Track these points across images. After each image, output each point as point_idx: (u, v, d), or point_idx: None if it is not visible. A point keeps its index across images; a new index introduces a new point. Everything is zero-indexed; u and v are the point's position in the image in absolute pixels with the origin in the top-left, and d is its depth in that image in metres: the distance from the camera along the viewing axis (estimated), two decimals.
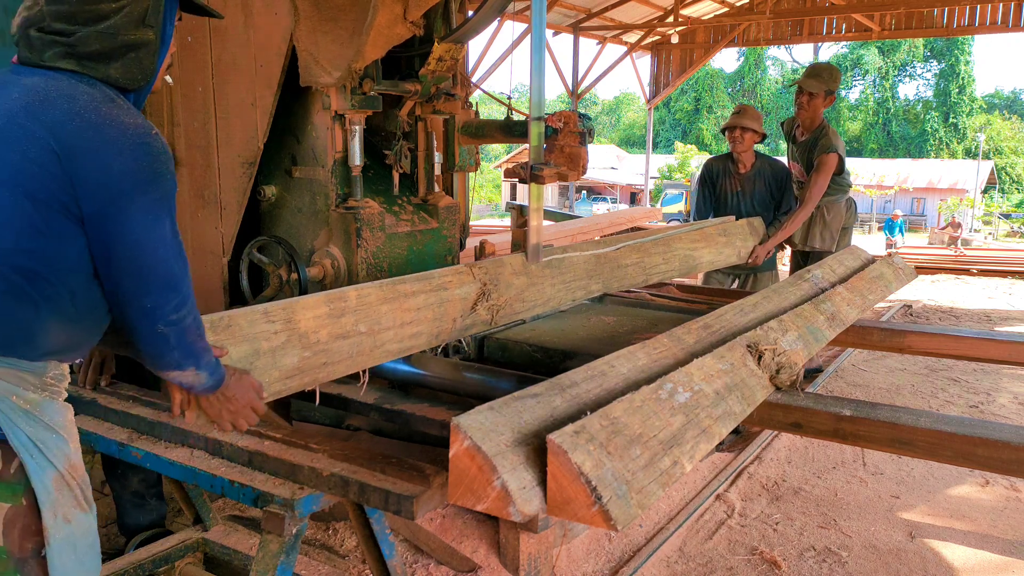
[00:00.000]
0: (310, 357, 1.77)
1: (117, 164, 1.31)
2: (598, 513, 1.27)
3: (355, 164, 2.94)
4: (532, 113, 2.72)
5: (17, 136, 1.31)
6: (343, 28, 2.78)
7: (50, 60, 1.38)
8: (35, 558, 1.38)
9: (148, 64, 1.48)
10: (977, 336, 3.06)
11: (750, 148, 4.37)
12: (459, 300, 2.24)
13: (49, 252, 1.33)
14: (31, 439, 1.37)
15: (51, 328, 1.38)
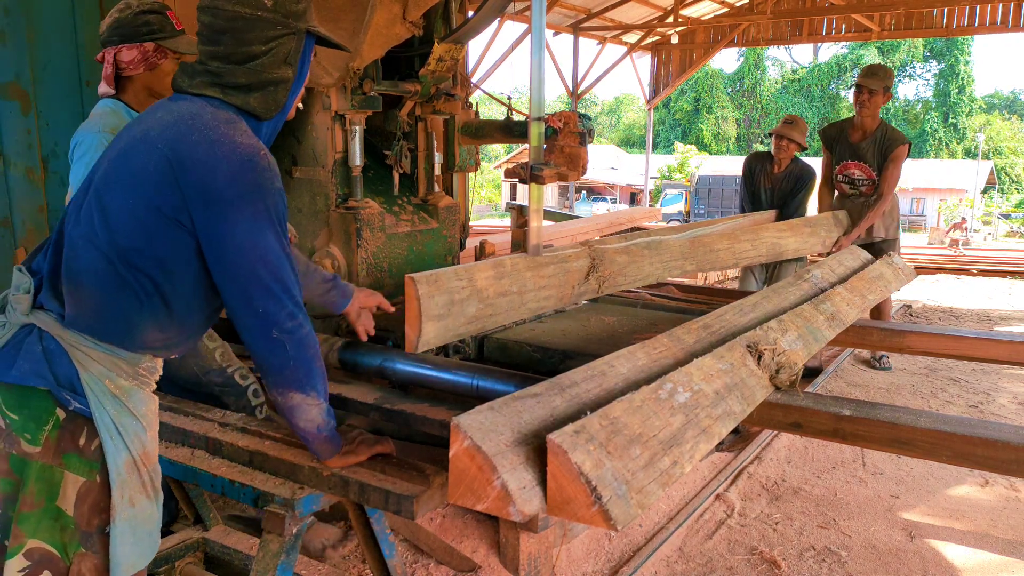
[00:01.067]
0: (483, 308, 2.21)
1: (222, 175, 1.41)
2: (598, 513, 1.27)
3: (355, 164, 2.94)
4: (532, 113, 2.72)
5: (144, 149, 1.45)
6: (343, 28, 2.78)
7: (197, 88, 1.51)
8: (99, 534, 1.46)
9: (282, 97, 1.58)
10: (977, 336, 3.06)
11: (791, 155, 4.97)
12: (576, 271, 2.62)
13: (158, 254, 1.44)
14: (114, 421, 1.45)
15: (150, 324, 1.48)
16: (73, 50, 3.89)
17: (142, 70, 2.25)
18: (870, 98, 4.58)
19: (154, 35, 2.23)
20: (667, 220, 20.48)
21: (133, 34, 2.21)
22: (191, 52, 2.29)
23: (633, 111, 46.87)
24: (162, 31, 2.24)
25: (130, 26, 2.21)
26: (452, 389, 2.27)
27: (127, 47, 2.22)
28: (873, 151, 4.66)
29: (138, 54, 2.23)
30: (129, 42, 2.21)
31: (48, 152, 3.84)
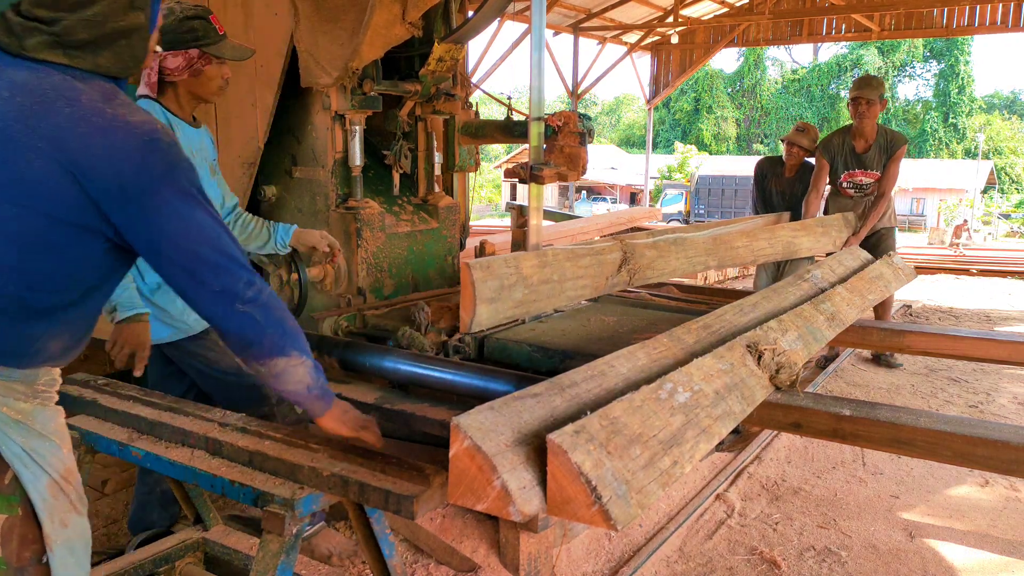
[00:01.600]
0: (528, 294, 2.37)
1: (131, 168, 1.25)
2: (598, 513, 1.27)
3: (355, 164, 2.94)
4: (532, 113, 2.72)
5: (16, 148, 1.22)
6: (343, 28, 2.78)
7: (33, 50, 1.25)
8: (34, 565, 1.38)
9: (140, 50, 1.36)
10: (976, 336, 3.06)
11: (800, 160, 5.25)
12: (610, 263, 2.78)
13: (60, 267, 1.30)
14: (24, 449, 1.36)
15: (49, 338, 1.36)
16: None
17: (186, 76, 2.24)
18: (868, 108, 4.71)
19: (199, 42, 2.21)
20: (667, 220, 20.47)
21: (177, 41, 2.19)
22: (235, 57, 2.29)
23: (633, 111, 46.88)
24: (206, 37, 2.22)
25: (174, 33, 2.19)
26: (452, 389, 2.27)
27: (172, 54, 2.20)
28: (878, 157, 4.82)
29: (183, 61, 2.21)
30: (174, 49, 2.20)
31: None
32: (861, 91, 4.72)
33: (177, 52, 2.20)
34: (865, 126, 4.76)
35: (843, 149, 4.87)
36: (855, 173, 4.88)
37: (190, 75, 2.24)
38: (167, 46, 2.20)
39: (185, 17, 2.21)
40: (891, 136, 4.84)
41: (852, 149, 4.85)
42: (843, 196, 5.01)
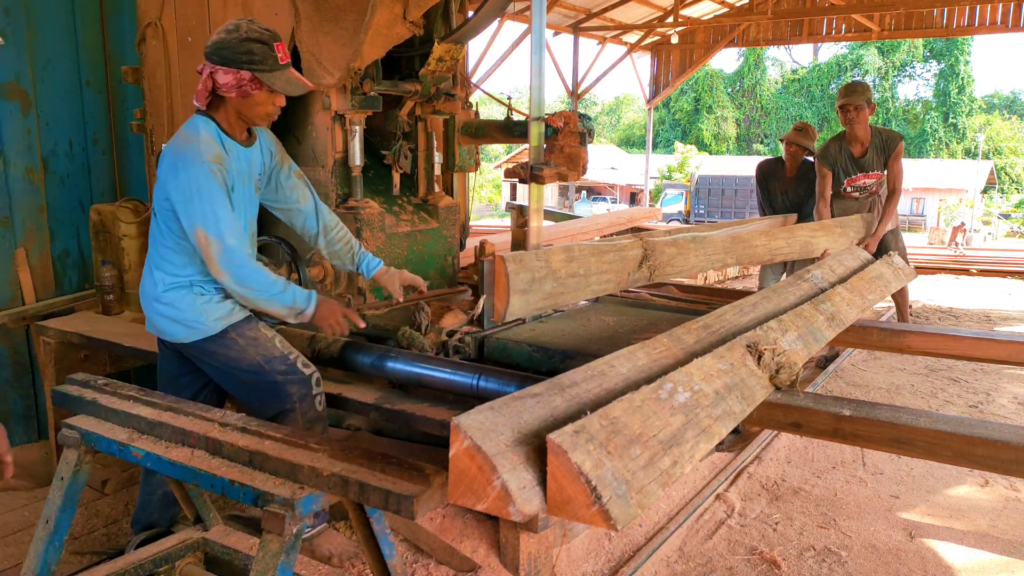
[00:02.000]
0: (556, 287, 2.45)
1: None
2: (598, 513, 1.27)
3: (355, 164, 2.94)
4: (532, 113, 2.72)
5: None
6: (343, 28, 2.78)
7: None
8: None
9: None
10: (976, 336, 3.05)
11: (800, 160, 5.38)
12: (632, 259, 2.83)
13: None
14: None
15: None
16: (73, 50, 3.90)
17: (234, 95, 2.23)
18: (857, 114, 4.76)
19: (253, 65, 2.19)
20: (667, 220, 20.47)
21: (232, 59, 2.18)
22: (286, 91, 2.27)
23: (633, 111, 46.86)
24: (263, 63, 2.20)
25: (232, 51, 2.18)
26: (452, 389, 2.27)
27: (223, 70, 2.19)
28: (876, 158, 4.88)
29: (233, 80, 2.20)
30: (227, 66, 2.19)
31: (48, 152, 3.85)
32: (848, 98, 4.75)
33: (229, 70, 2.19)
34: (858, 131, 4.81)
35: (841, 156, 4.92)
36: (858, 177, 4.95)
37: (238, 95, 2.23)
38: (221, 61, 2.19)
39: (247, 38, 2.20)
40: (886, 135, 4.90)
41: (850, 155, 4.90)
42: (848, 199, 5.05)
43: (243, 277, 2.19)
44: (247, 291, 2.21)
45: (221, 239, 2.15)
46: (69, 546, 2.78)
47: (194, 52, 3.30)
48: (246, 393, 2.36)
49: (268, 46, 2.22)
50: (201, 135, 2.22)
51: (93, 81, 3.99)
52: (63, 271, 3.94)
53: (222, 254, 2.15)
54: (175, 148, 2.22)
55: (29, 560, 2.05)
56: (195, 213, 2.15)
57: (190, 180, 2.15)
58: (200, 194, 2.14)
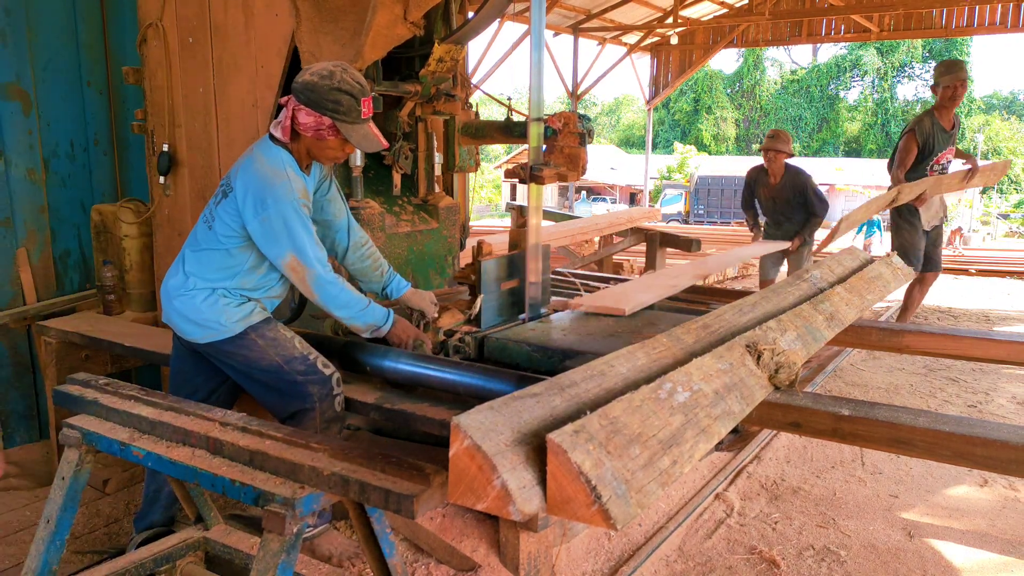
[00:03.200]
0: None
1: None
2: (597, 512, 1.28)
3: (355, 164, 2.94)
4: (532, 114, 2.73)
5: None
6: (344, 28, 2.79)
7: None
8: None
9: None
10: (975, 336, 3.06)
11: (780, 165, 5.68)
12: None
13: None
14: None
15: None
16: (74, 50, 3.90)
17: (311, 135, 2.30)
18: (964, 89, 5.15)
19: (337, 115, 2.25)
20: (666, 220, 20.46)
21: (318, 104, 2.24)
22: (361, 146, 2.33)
23: (633, 111, 46.84)
24: (347, 115, 2.25)
25: (320, 96, 2.23)
26: (452, 389, 2.27)
27: (307, 111, 2.25)
28: (957, 134, 5.35)
29: (314, 122, 2.27)
30: (312, 108, 2.25)
31: (49, 152, 3.85)
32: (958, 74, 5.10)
33: (312, 112, 2.25)
34: (958, 105, 5.22)
35: (934, 130, 5.24)
36: (944, 154, 5.31)
37: (314, 136, 2.30)
38: (307, 103, 2.25)
39: (338, 88, 2.24)
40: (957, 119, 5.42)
41: (942, 129, 5.25)
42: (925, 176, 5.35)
43: (334, 301, 2.37)
44: (338, 311, 2.39)
45: (312, 267, 2.30)
46: (70, 545, 2.79)
47: (195, 52, 3.30)
48: (265, 393, 2.39)
49: (356, 100, 2.27)
50: (288, 171, 2.30)
51: (94, 81, 3.99)
52: (64, 271, 3.95)
53: (315, 281, 2.32)
54: (263, 178, 2.26)
55: (30, 559, 2.06)
56: (286, 245, 2.27)
57: (281, 215, 2.24)
58: (291, 229, 2.25)
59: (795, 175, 5.72)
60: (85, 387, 2.21)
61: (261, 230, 2.26)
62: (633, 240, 6.98)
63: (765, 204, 5.91)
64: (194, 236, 2.42)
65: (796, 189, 5.67)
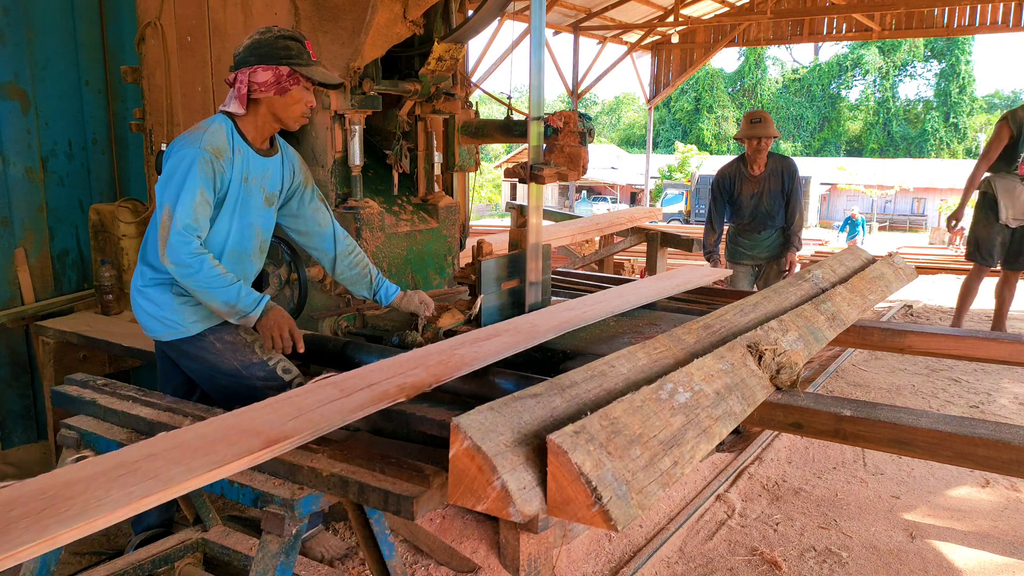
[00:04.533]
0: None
1: None
2: (598, 513, 1.27)
3: (355, 164, 2.93)
4: (532, 113, 2.72)
5: None
6: (343, 27, 2.78)
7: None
8: None
9: None
10: (978, 336, 3.05)
11: (766, 153, 4.83)
12: None
13: None
14: None
15: None
16: (73, 49, 3.89)
17: (272, 93, 2.26)
18: None
19: (291, 60, 2.24)
20: (667, 220, 20.44)
21: (271, 55, 2.23)
22: (325, 81, 2.32)
23: (633, 111, 46.86)
24: (299, 57, 2.26)
25: (270, 47, 2.23)
26: (452, 389, 2.26)
27: (263, 68, 2.23)
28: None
29: (272, 76, 2.24)
30: (265, 63, 2.23)
31: (47, 152, 3.84)
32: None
33: (268, 67, 2.23)
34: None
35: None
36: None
37: (276, 92, 2.26)
38: (259, 60, 2.23)
39: (282, 35, 2.25)
40: None
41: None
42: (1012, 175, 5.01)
43: (186, 260, 2.14)
44: (188, 277, 2.16)
45: (176, 219, 2.14)
46: (68, 546, 2.78)
47: (193, 52, 3.29)
48: (225, 397, 2.35)
49: (301, 43, 2.28)
50: (212, 127, 2.25)
51: (92, 81, 3.98)
52: (62, 271, 3.94)
53: (171, 234, 2.14)
54: (181, 136, 2.26)
55: (28, 561, 2.05)
56: (167, 191, 2.17)
57: (176, 161, 2.18)
58: (177, 175, 2.16)
59: (783, 161, 4.93)
60: (83, 387, 2.20)
61: (160, 180, 2.20)
62: (634, 240, 6.97)
63: (746, 205, 4.92)
64: (148, 227, 2.37)
65: (786, 175, 4.84)
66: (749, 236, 5.01)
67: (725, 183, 5.00)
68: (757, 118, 4.81)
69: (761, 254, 5.01)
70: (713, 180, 5.12)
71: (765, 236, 4.97)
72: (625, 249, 7.39)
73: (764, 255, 5.00)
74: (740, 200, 4.94)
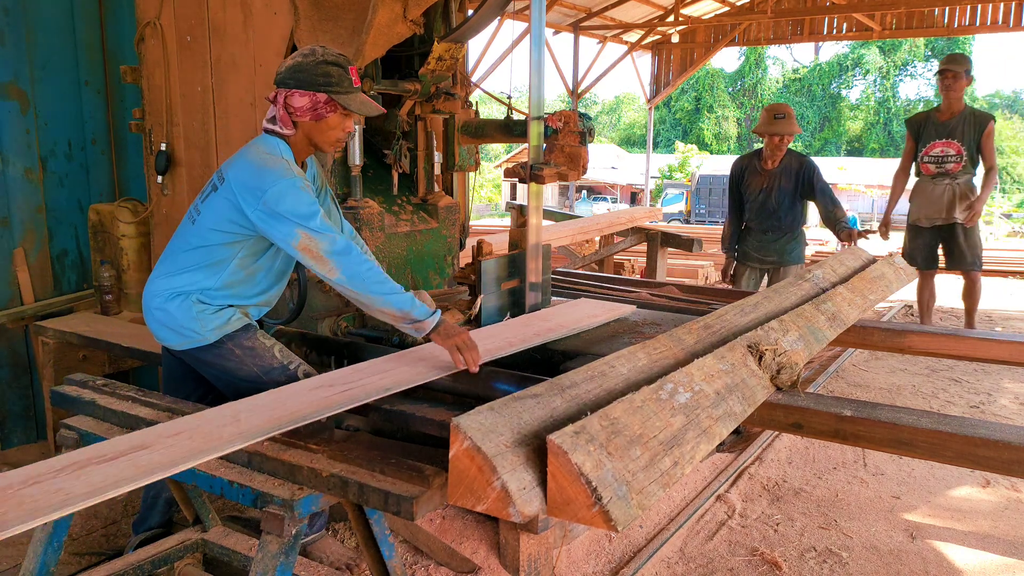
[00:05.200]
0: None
1: None
2: (598, 514, 1.27)
3: (354, 164, 2.93)
4: (532, 113, 2.71)
5: None
6: (343, 27, 2.77)
7: None
8: None
9: None
10: (978, 336, 3.05)
11: (784, 149, 4.69)
12: None
13: None
14: None
15: None
16: (72, 50, 3.89)
17: (308, 119, 2.21)
18: (955, 82, 5.07)
19: (330, 87, 2.18)
20: (668, 220, 20.44)
21: (310, 82, 2.17)
22: (362, 112, 2.25)
23: (633, 110, 46.82)
24: (339, 85, 2.19)
25: (309, 73, 2.17)
26: (452, 389, 2.26)
27: (300, 92, 2.18)
28: (963, 127, 5.11)
29: (308, 102, 2.19)
30: (303, 88, 2.18)
31: (47, 152, 3.84)
32: (949, 64, 5.09)
33: (305, 92, 2.18)
34: (952, 99, 5.11)
35: (927, 123, 5.20)
36: (935, 144, 5.16)
37: (312, 118, 2.21)
38: (297, 84, 2.18)
39: (324, 61, 2.19)
40: (978, 111, 5.16)
41: (935, 121, 5.18)
42: (924, 174, 5.23)
43: (359, 274, 2.11)
44: (365, 289, 2.12)
45: (325, 235, 2.10)
46: (68, 547, 2.78)
47: (193, 52, 3.29)
48: None
49: (344, 69, 2.21)
50: (285, 156, 2.21)
51: (92, 81, 3.98)
52: (62, 271, 3.94)
53: (332, 249, 2.10)
54: (261, 164, 2.16)
55: (28, 561, 2.04)
56: (292, 222, 2.10)
57: (282, 193, 2.10)
58: (296, 205, 2.10)
59: (800, 159, 4.69)
60: (82, 388, 2.20)
61: (265, 214, 2.11)
62: (634, 240, 6.96)
63: (753, 199, 4.75)
64: (177, 235, 2.32)
65: (803, 172, 4.60)
66: (756, 236, 4.82)
67: (736, 175, 4.88)
68: (781, 113, 4.63)
69: (768, 257, 4.80)
70: (730, 172, 5.00)
71: (771, 239, 4.76)
72: (625, 249, 7.39)
73: (772, 259, 4.79)
74: (747, 194, 4.79)
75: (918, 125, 5.33)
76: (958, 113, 5.17)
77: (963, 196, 5.20)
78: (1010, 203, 32.47)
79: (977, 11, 12.74)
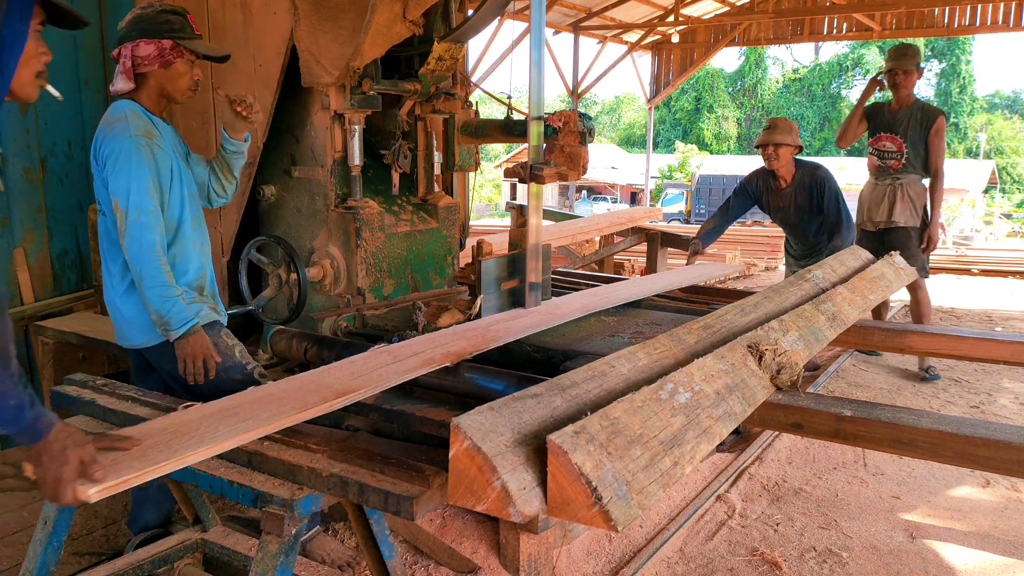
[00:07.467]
0: None
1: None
2: (598, 514, 1.27)
3: (354, 164, 2.93)
4: (532, 113, 2.71)
5: None
6: (343, 27, 2.77)
7: None
8: None
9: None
10: (978, 336, 3.04)
11: (787, 162, 4.52)
12: None
13: None
14: None
15: None
16: (72, 50, 3.89)
17: (156, 67, 2.27)
18: (906, 78, 4.78)
19: (173, 33, 2.26)
20: (668, 220, 20.44)
21: (153, 30, 2.24)
22: (208, 53, 2.35)
23: (633, 110, 46.81)
24: (181, 31, 2.28)
25: (151, 22, 2.25)
26: (452, 389, 2.26)
27: (145, 42, 2.24)
28: (908, 123, 4.81)
29: (155, 49, 2.25)
30: (147, 37, 2.24)
31: (47, 152, 3.84)
32: (897, 62, 4.79)
33: (150, 40, 2.24)
34: (901, 96, 4.84)
35: (877, 113, 4.96)
36: (881, 137, 4.91)
37: (160, 66, 2.27)
38: (141, 34, 2.24)
39: (164, 10, 2.27)
40: (927, 107, 4.81)
41: (884, 112, 4.91)
42: (870, 175, 5.03)
43: (140, 260, 2.17)
44: (140, 273, 2.18)
45: (129, 211, 2.16)
46: (68, 547, 2.78)
47: None
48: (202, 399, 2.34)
49: (183, 17, 2.30)
50: (127, 112, 2.25)
51: (92, 81, 3.98)
52: (61, 271, 3.94)
53: (129, 228, 2.16)
54: (103, 130, 2.24)
55: (28, 561, 2.04)
56: (114, 186, 2.18)
57: (113, 153, 2.17)
58: (120, 166, 2.17)
59: (813, 174, 4.53)
60: (82, 388, 2.20)
61: (106, 176, 2.19)
62: (634, 240, 6.96)
63: (775, 217, 4.76)
64: (100, 235, 2.36)
65: (816, 187, 4.49)
66: (798, 263, 4.73)
67: (751, 188, 4.77)
68: (769, 124, 4.58)
69: (803, 252, 4.74)
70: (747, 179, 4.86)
71: (803, 242, 4.74)
72: (625, 249, 7.38)
73: (806, 257, 4.67)
74: (770, 211, 4.78)
75: (872, 112, 4.98)
76: (906, 107, 4.80)
77: (906, 198, 4.81)
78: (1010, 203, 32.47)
79: (977, 11, 12.73)
